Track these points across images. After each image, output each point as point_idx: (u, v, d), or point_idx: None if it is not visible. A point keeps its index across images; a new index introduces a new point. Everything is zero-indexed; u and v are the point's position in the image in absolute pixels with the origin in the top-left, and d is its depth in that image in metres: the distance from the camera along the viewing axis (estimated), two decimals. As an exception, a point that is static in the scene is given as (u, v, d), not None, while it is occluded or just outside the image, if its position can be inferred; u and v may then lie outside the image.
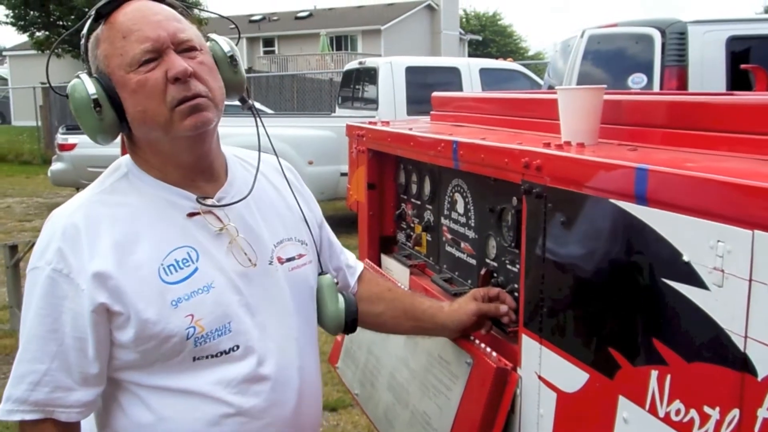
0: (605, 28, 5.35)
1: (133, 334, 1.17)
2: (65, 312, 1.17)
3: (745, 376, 0.94)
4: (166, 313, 1.18)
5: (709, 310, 0.99)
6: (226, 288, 1.24)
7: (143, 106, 1.16)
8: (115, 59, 1.16)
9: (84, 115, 1.19)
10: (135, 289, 1.17)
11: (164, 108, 1.15)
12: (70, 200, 1.27)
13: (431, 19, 33.47)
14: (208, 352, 1.22)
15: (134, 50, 1.15)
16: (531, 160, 1.41)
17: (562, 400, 1.36)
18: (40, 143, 17.22)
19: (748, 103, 1.28)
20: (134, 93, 1.16)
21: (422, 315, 1.62)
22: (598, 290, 1.25)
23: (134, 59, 1.15)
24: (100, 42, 1.19)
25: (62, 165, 9.72)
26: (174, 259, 1.21)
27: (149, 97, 1.15)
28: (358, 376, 2.20)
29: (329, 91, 16.17)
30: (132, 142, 1.26)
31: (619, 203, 1.16)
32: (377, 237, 2.48)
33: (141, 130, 1.21)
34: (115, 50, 1.16)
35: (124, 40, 1.15)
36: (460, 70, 8.71)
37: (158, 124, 1.17)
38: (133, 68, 1.15)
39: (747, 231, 0.91)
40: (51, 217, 1.23)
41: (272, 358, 1.27)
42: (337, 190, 7.74)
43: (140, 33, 1.15)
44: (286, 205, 1.41)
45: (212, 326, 1.21)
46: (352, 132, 2.55)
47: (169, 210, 1.24)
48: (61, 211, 1.23)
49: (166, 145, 1.21)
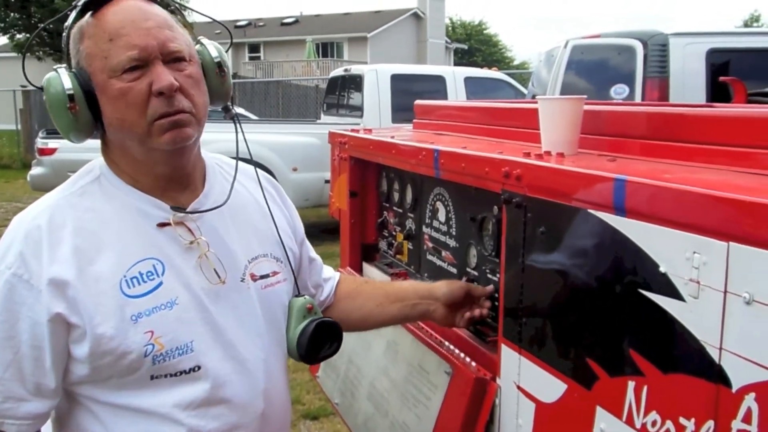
0: (588, 39, 5.40)
1: (88, 348, 1.11)
2: (22, 319, 1.10)
3: (720, 388, 0.94)
4: (124, 327, 1.12)
5: (685, 322, 1.00)
6: (190, 305, 1.18)
7: (122, 115, 1.12)
8: (98, 61, 1.11)
9: (57, 111, 1.12)
10: (93, 301, 1.11)
11: (144, 120, 1.11)
12: (38, 201, 1.20)
13: (417, 28, 33.61)
14: (166, 371, 1.15)
15: (119, 56, 1.09)
16: (511, 169, 1.41)
17: (540, 411, 1.35)
18: (20, 147, 17.02)
19: (726, 115, 1.30)
20: (114, 100, 1.11)
21: (405, 292, 1.56)
22: (577, 300, 1.25)
23: (119, 65, 1.10)
24: (84, 37, 1.13)
25: (42, 169, 9.59)
26: (138, 272, 1.15)
27: (129, 106, 1.11)
28: (339, 386, 2.18)
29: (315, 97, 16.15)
30: (105, 144, 1.21)
31: (598, 214, 1.16)
32: (359, 245, 2.47)
33: (116, 136, 1.17)
34: (99, 51, 1.11)
35: (110, 43, 1.10)
36: (446, 79, 8.73)
37: (135, 134, 1.13)
38: (116, 74, 1.10)
39: (722, 243, 0.92)
40: (16, 218, 1.17)
41: (236, 379, 1.21)
42: (322, 196, 7.71)
43: (128, 39, 1.10)
44: (264, 221, 1.35)
45: (172, 344, 1.15)
46: (335, 139, 2.54)
47: (138, 218, 1.18)
48: (26, 213, 1.17)
49: (141, 155, 1.17)
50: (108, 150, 1.22)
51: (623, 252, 1.11)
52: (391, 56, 26.41)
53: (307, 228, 1.58)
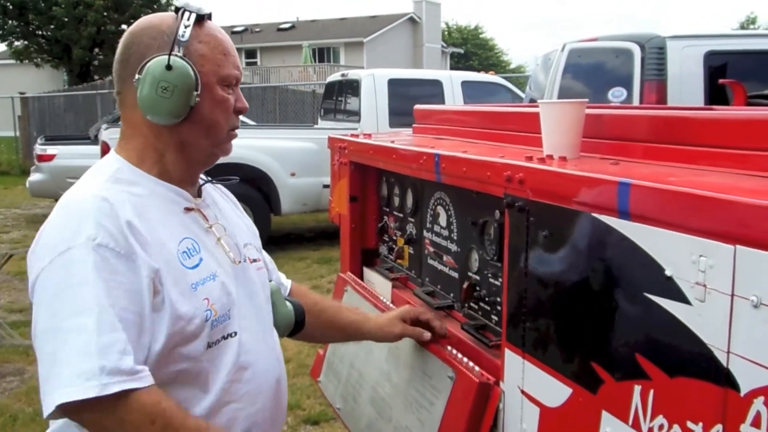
0: (585, 42, 5.40)
1: (168, 315, 1.18)
2: (121, 285, 1.13)
3: (728, 392, 0.93)
4: (189, 294, 1.22)
5: (691, 325, 0.99)
6: (224, 278, 1.30)
7: (216, 117, 1.29)
8: (211, 65, 1.27)
9: (180, 92, 1.22)
10: (166, 268, 1.20)
11: (226, 127, 1.31)
12: (78, 188, 1.24)
13: (414, 32, 33.67)
14: (217, 337, 1.27)
15: (230, 71, 1.29)
16: (513, 173, 1.41)
17: (545, 415, 1.35)
18: (19, 153, 17.00)
19: (730, 117, 1.29)
20: (217, 103, 1.28)
21: (348, 326, 1.71)
22: (581, 304, 1.25)
23: (228, 78, 1.29)
24: (195, 39, 1.26)
25: (41, 176, 9.60)
26: (186, 247, 1.26)
27: (224, 113, 1.29)
28: (341, 391, 2.18)
29: (312, 102, 16.14)
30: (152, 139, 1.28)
31: (602, 217, 1.16)
32: (359, 250, 2.46)
33: (196, 130, 1.28)
34: (214, 57, 1.27)
35: (224, 57, 1.29)
36: (442, 83, 8.73)
37: (216, 136, 1.30)
38: (223, 84, 1.28)
39: (729, 246, 0.92)
40: (69, 199, 1.21)
41: (258, 347, 1.35)
42: (320, 201, 7.71)
43: (234, 59, 1.31)
44: (238, 216, 1.51)
45: (222, 311, 1.27)
46: (334, 144, 2.54)
47: (169, 203, 1.29)
48: (79, 193, 1.21)
49: (202, 153, 1.32)
50: (149, 145, 1.29)
51: (627, 255, 1.11)
52: (387, 61, 26.46)
53: (305, 233, 1.70)
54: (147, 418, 1.11)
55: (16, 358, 4.62)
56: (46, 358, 1.10)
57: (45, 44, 23.96)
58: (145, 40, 1.26)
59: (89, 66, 24.37)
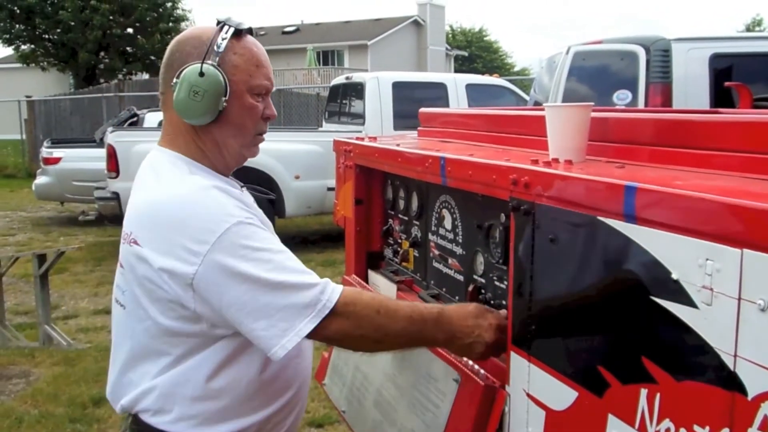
0: (590, 45, 5.40)
1: None
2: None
3: (735, 395, 0.93)
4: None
5: (698, 329, 0.99)
6: None
7: (244, 122, 1.41)
8: (243, 75, 1.39)
9: (210, 97, 1.35)
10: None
11: (253, 131, 1.44)
12: (178, 184, 1.35)
13: (418, 35, 33.69)
14: None
15: (260, 81, 1.41)
16: (519, 177, 1.41)
17: (551, 419, 1.35)
18: (25, 157, 17.08)
19: (736, 120, 1.29)
20: (246, 109, 1.40)
21: None
22: (587, 308, 1.25)
23: (258, 88, 1.41)
24: (231, 51, 1.38)
25: (47, 179, 9.65)
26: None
27: (252, 119, 1.42)
28: (345, 393, 2.18)
29: (316, 105, 16.17)
30: (192, 137, 1.42)
31: (608, 221, 1.16)
32: (364, 253, 2.47)
33: (224, 132, 1.41)
34: (246, 68, 1.39)
35: (256, 68, 1.41)
36: (447, 86, 8.74)
37: (244, 138, 1.44)
38: (252, 92, 1.40)
39: (736, 250, 0.91)
40: (188, 194, 1.32)
41: None
42: (324, 204, 7.72)
43: (267, 71, 1.44)
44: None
45: None
46: (340, 147, 2.54)
47: (229, 188, 1.41)
48: (191, 188, 1.34)
49: (234, 153, 1.45)
50: (196, 140, 1.42)
51: (634, 259, 1.11)
52: (391, 64, 26.48)
53: (309, 235, 1.74)
54: (372, 309, 1.35)
55: (21, 360, 4.63)
56: (270, 307, 1.28)
57: (51, 48, 24.06)
58: (188, 48, 1.39)
59: (95, 69, 24.46)
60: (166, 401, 1.36)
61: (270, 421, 1.43)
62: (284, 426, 1.47)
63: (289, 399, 1.45)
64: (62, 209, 11.22)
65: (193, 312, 1.30)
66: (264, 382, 1.40)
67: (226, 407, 1.38)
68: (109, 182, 7.16)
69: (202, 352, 1.35)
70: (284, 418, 1.46)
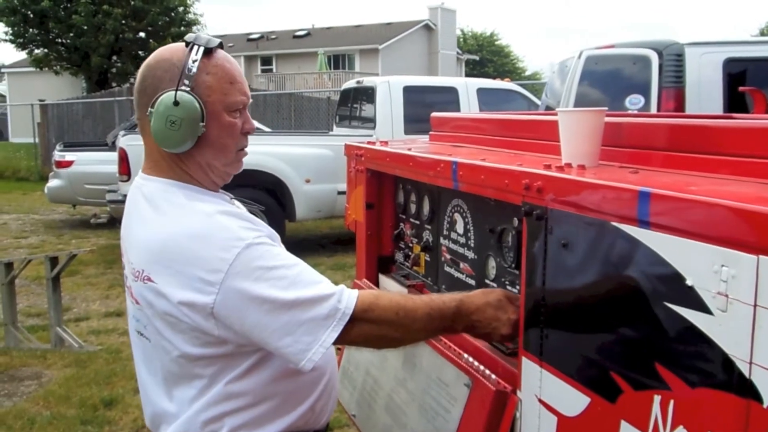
0: (603, 49, 5.38)
1: None
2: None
3: (750, 403, 0.92)
4: None
5: (713, 336, 0.98)
6: None
7: (225, 141, 1.39)
8: (217, 95, 1.36)
9: (188, 124, 1.33)
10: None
11: (234, 149, 1.42)
12: (178, 218, 1.35)
13: (429, 39, 33.71)
14: None
15: (236, 97, 1.38)
16: (532, 181, 1.40)
17: (562, 424, 1.34)
18: (38, 160, 17.20)
19: (752, 126, 1.28)
20: (225, 128, 1.38)
21: None
22: (600, 313, 1.24)
23: (235, 104, 1.38)
24: (202, 72, 1.35)
25: (59, 182, 9.70)
26: None
27: (231, 137, 1.40)
28: (356, 398, 2.18)
29: (327, 109, 16.21)
30: (175, 161, 1.40)
31: (621, 226, 1.15)
32: (375, 257, 2.47)
33: (207, 153, 1.39)
34: (220, 87, 1.36)
35: (230, 85, 1.38)
36: (458, 90, 8.72)
37: (226, 157, 1.41)
38: (229, 110, 1.38)
39: (752, 256, 0.91)
40: (208, 222, 1.32)
41: None
42: (334, 208, 7.72)
43: (242, 86, 1.40)
44: None
45: None
46: (351, 152, 2.55)
47: (233, 209, 1.42)
48: (196, 218, 1.33)
49: (219, 171, 1.43)
50: (178, 166, 1.40)
51: (647, 265, 1.10)
52: (402, 68, 26.51)
53: (320, 239, 1.73)
54: (392, 312, 1.37)
55: (33, 362, 4.66)
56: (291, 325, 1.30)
57: (64, 52, 24.24)
58: (159, 73, 1.36)
59: (107, 73, 24.63)
60: (215, 421, 1.37)
61: (314, 409, 1.46)
62: (327, 411, 1.51)
63: (325, 384, 1.48)
64: (74, 212, 11.28)
65: (218, 337, 1.31)
66: (301, 375, 1.41)
67: (273, 408, 1.39)
68: (121, 185, 7.20)
69: (234, 365, 1.36)
70: (326, 404, 1.49)
